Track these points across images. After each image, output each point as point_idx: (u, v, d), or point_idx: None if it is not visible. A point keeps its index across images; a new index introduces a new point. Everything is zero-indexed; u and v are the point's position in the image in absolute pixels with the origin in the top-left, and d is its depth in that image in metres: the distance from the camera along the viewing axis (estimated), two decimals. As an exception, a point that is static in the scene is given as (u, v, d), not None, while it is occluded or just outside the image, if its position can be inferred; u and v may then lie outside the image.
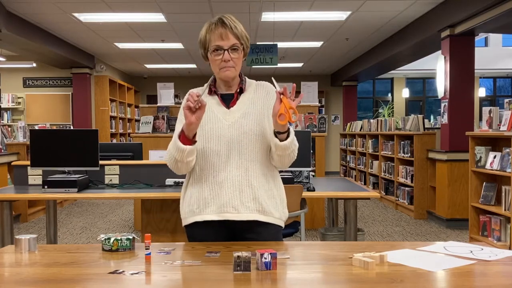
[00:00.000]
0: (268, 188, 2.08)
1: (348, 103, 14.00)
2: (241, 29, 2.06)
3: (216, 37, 2.02)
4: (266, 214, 2.05)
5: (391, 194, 8.50)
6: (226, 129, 2.04)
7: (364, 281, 1.54)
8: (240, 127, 2.03)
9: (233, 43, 2.02)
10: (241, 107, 2.08)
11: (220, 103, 2.10)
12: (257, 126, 2.04)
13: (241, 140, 2.03)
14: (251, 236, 2.04)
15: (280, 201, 2.12)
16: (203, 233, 2.06)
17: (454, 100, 6.55)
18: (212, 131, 2.04)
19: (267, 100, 2.10)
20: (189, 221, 2.09)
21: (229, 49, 2.02)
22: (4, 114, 11.40)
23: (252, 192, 2.03)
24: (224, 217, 2.02)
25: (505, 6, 5.39)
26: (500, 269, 1.67)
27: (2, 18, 6.75)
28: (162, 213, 3.76)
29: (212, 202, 2.02)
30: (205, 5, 6.72)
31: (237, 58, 2.05)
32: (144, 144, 4.69)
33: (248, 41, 2.10)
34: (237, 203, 2.01)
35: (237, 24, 2.05)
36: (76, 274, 1.63)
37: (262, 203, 2.03)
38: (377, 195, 3.48)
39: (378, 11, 7.25)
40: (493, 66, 14.37)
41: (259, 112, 2.07)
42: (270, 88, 2.15)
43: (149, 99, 14.59)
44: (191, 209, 2.07)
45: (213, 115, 2.07)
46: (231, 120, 2.05)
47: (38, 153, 3.64)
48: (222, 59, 2.02)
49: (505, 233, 4.92)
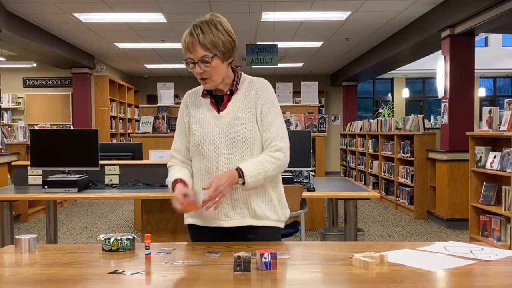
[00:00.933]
0: (263, 192, 2.04)
1: (348, 103, 14.00)
2: (212, 37, 1.91)
3: (185, 49, 1.96)
4: (260, 219, 2.03)
5: (391, 194, 8.50)
6: (216, 135, 2.01)
7: (364, 281, 1.54)
8: (229, 133, 2.00)
9: (201, 55, 1.92)
10: (230, 111, 2.03)
11: (211, 107, 2.06)
12: (246, 131, 2.00)
13: (230, 145, 2.00)
14: (250, 236, 2.04)
15: (279, 203, 2.09)
16: (202, 234, 2.08)
17: (454, 100, 6.55)
18: (203, 137, 2.02)
19: (256, 100, 2.04)
20: (188, 222, 2.12)
21: (198, 61, 1.94)
22: (4, 114, 11.40)
23: (244, 198, 2.01)
24: (218, 224, 2.02)
25: (505, 6, 5.39)
26: (500, 269, 1.67)
27: (2, 18, 6.75)
28: (162, 213, 3.76)
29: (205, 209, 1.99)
30: (205, 5, 6.72)
31: (211, 68, 1.94)
32: (144, 144, 4.69)
33: (225, 44, 1.95)
34: (229, 210, 2.01)
35: (209, 31, 1.92)
36: (76, 274, 1.63)
37: (255, 208, 2.02)
38: (377, 195, 3.48)
39: (378, 11, 7.25)
40: (493, 66, 14.37)
41: (248, 115, 2.02)
42: (260, 86, 2.06)
43: (149, 99, 14.59)
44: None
45: (204, 120, 2.05)
46: (220, 125, 2.02)
47: (38, 153, 3.64)
48: (195, 72, 1.97)
49: (505, 233, 4.92)
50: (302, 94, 7.18)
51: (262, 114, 2.03)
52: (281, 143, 2.01)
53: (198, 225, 2.08)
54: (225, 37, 1.95)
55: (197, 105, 2.10)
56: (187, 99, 2.15)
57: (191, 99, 2.14)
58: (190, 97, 2.15)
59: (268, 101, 2.05)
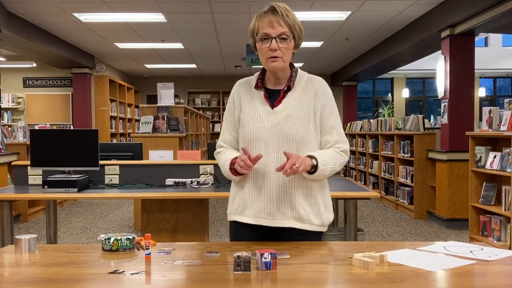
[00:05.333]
0: (310, 195, 1.99)
1: (348, 103, 14.00)
2: (293, 18, 1.94)
3: (265, 25, 1.93)
4: (303, 222, 1.98)
5: (391, 194, 8.50)
6: (267, 131, 1.95)
7: (364, 281, 1.54)
8: (282, 130, 1.94)
9: (282, 31, 1.91)
10: (285, 107, 1.97)
11: (264, 101, 2.00)
12: (300, 130, 1.94)
13: (281, 143, 1.94)
14: (292, 240, 2.00)
15: (324, 207, 2.04)
16: (242, 232, 2.05)
17: (454, 100, 6.55)
18: (253, 132, 1.96)
19: (315, 101, 2.00)
20: (232, 218, 2.09)
21: (277, 37, 1.91)
22: (4, 114, 11.41)
23: (290, 199, 1.96)
24: (259, 222, 1.99)
25: (505, 6, 5.39)
26: (500, 269, 1.67)
27: (2, 18, 6.75)
28: (162, 213, 3.76)
29: (250, 205, 1.99)
30: (205, 5, 6.71)
31: (286, 48, 1.93)
32: (144, 144, 4.68)
33: (301, 32, 1.98)
34: (273, 210, 1.97)
35: (290, 12, 1.95)
36: (76, 274, 1.63)
37: (299, 210, 1.97)
38: (377, 195, 3.48)
39: (378, 11, 7.25)
40: (493, 66, 14.37)
41: (305, 114, 1.96)
42: (320, 86, 2.04)
43: (149, 99, 14.60)
44: (234, 207, 2.06)
45: (256, 114, 1.98)
46: (273, 121, 1.96)
47: (38, 153, 3.64)
48: (269, 47, 1.92)
49: (505, 233, 4.92)
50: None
51: (323, 117, 2.00)
52: (345, 146, 2.03)
53: (242, 222, 2.03)
54: (299, 25, 1.99)
55: (249, 96, 2.03)
56: (239, 89, 2.07)
57: (243, 89, 2.06)
58: (242, 87, 2.07)
59: (329, 103, 2.04)
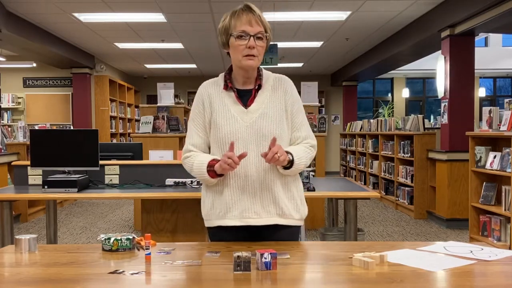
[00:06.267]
0: (288, 190, 2.04)
1: (348, 103, 14.00)
2: (265, 20, 1.99)
3: (243, 22, 1.94)
4: (286, 217, 2.02)
5: (391, 194, 8.50)
6: (244, 131, 1.96)
7: (364, 281, 1.54)
8: (258, 129, 1.96)
9: (259, 30, 1.95)
10: (259, 106, 2.00)
11: (236, 101, 2.00)
12: (276, 128, 1.98)
13: (260, 143, 1.96)
14: (272, 238, 2.03)
15: (300, 201, 2.09)
16: (225, 235, 2.03)
17: (454, 100, 6.55)
18: (230, 133, 1.96)
19: (285, 99, 2.04)
20: (213, 224, 2.04)
21: (255, 36, 1.94)
22: (4, 114, 11.40)
23: (272, 196, 1.99)
24: (246, 222, 1.99)
25: (505, 6, 5.39)
26: (500, 269, 1.67)
27: (2, 18, 6.75)
28: (162, 213, 3.76)
29: (234, 207, 1.98)
30: (205, 5, 6.71)
31: (262, 47, 1.97)
32: (144, 144, 4.68)
33: (271, 34, 2.02)
34: (258, 208, 1.98)
35: (262, 14, 2.00)
36: (76, 274, 1.63)
37: (282, 206, 2.01)
38: (377, 195, 3.48)
39: (378, 11, 7.25)
40: (493, 66, 14.36)
41: (278, 112, 2.01)
42: (288, 85, 2.08)
43: (149, 99, 14.59)
44: (214, 212, 2.03)
45: (229, 114, 1.98)
46: (248, 121, 1.97)
47: (38, 153, 3.64)
48: (247, 45, 1.93)
49: (505, 233, 4.92)
50: (302, 94, 7.17)
51: (292, 114, 2.06)
52: (313, 141, 2.10)
53: (225, 226, 2.01)
54: (270, 28, 2.03)
55: (219, 97, 2.03)
56: (208, 90, 2.05)
57: (212, 90, 2.05)
58: (211, 88, 2.06)
59: (297, 100, 2.10)
